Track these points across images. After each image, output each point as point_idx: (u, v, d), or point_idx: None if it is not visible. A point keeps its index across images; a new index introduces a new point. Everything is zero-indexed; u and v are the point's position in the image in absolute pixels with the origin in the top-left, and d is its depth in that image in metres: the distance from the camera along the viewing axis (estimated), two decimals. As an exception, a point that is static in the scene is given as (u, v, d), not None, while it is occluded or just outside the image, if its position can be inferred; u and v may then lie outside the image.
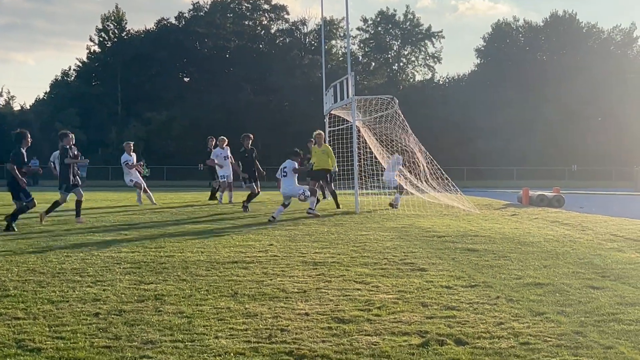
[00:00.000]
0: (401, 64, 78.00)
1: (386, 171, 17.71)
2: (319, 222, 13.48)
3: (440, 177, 17.92)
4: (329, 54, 66.91)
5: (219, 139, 19.76)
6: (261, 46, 73.31)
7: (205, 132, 36.89)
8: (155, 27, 72.99)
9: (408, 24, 76.55)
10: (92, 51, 71.82)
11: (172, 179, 51.22)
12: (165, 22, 72.91)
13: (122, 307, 5.67)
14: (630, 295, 6.26)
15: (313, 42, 73.09)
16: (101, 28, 71.02)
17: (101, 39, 71.27)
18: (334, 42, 73.25)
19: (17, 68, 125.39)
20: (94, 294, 6.21)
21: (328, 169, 16.60)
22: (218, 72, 67.55)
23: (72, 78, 72.94)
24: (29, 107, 73.91)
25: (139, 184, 18.76)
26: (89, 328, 5.00)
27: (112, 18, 71.23)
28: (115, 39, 71.22)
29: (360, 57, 75.55)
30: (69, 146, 13.36)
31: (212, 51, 70.73)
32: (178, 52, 68.92)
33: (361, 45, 76.42)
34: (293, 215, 14.44)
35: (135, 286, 6.58)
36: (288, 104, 66.39)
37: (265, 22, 74.83)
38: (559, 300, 5.99)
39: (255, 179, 16.85)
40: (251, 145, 17.08)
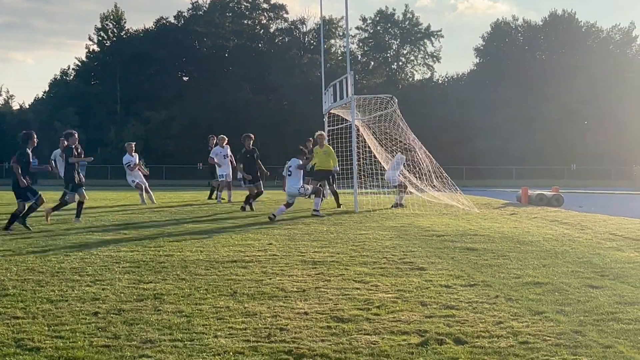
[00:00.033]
0: (400, 63, 77.95)
1: (388, 170, 17.69)
2: (318, 221, 13.48)
3: (440, 175, 17.92)
4: (328, 53, 66.90)
5: (218, 137, 19.72)
6: (260, 45, 73.25)
7: (204, 131, 36.90)
8: (154, 27, 72.89)
9: (407, 23, 76.49)
10: (91, 50, 71.75)
11: (171, 178, 51.17)
12: (164, 22, 72.83)
13: (121, 306, 5.67)
14: (629, 294, 6.26)
15: (312, 41, 73.04)
16: (100, 27, 70.92)
17: (100, 38, 71.18)
18: (333, 41, 73.20)
19: (16, 67, 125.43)
20: (93, 293, 6.22)
21: (330, 169, 16.61)
22: (217, 72, 67.48)
23: (71, 77, 72.80)
24: (28, 107, 73.78)
25: (141, 186, 18.68)
26: (88, 327, 5.00)
27: (111, 17, 71.14)
28: (115, 38, 71.12)
29: (360, 57, 75.50)
30: (74, 145, 13.38)
31: (211, 50, 70.65)
32: (177, 52, 68.85)
33: (360, 45, 76.40)
34: (292, 215, 14.44)
35: (134, 285, 6.58)
36: (287, 103, 66.31)
37: (265, 21, 74.76)
38: (558, 300, 6.00)
39: (257, 179, 16.73)
40: (252, 145, 17.00)
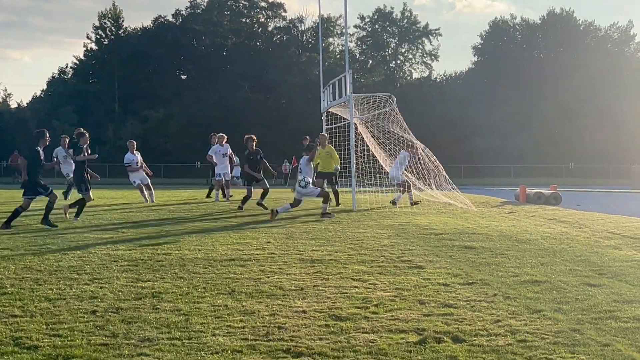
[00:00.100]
0: (398, 62, 78.00)
1: (392, 168, 17.66)
2: (316, 219, 13.48)
3: (439, 174, 17.91)
4: (326, 52, 66.89)
5: (217, 135, 19.69)
6: (258, 44, 73.20)
7: (203, 129, 36.89)
8: (152, 25, 72.88)
9: (405, 21, 76.52)
10: (89, 49, 71.77)
11: (170, 176, 51.10)
12: (162, 20, 72.80)
13: (119, 304, 5.67)
14: (627, 292, 6.27)
15: (310, 40, 73.06)
16: (98, 25, 70.90)
17: (98, 37, 71.19)
18: (331, 39, 73.27)
19: (14, 66, 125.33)
20: (91, 291, 6.21)
21: (332, 171, 16.69)
22: (215, 70, 67.44)
23: (69, 76, 72.77)
24: (26, 105, 73.70)
25: (141, 186, 18.61)
26: (86, 326, 5.00)
27: (109, 15, 71.11)
28: (113, 37, 71.08)
29: (358, 55, 75.51)
30: (85, 145, 13.55)
31: (209, 49, 70.59)
32: (175, 50, 68.81)
33: (358, 43, 76.42)
34: (291, 214, 14.43)
35: (132, 284, 6.58)
36: (285, 102, 66.30)
37: (263, 19, 74.75)
38: (556, 298, 6.00)
39: (260, 178, 16.75)
40: (256, 147, 16.88)
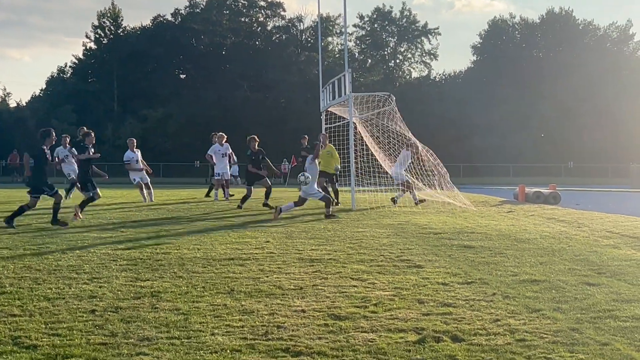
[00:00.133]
0: (397, 61, 77.96)
1: (394, 168, 17.66)
2: (315, 219, 13.48)
3: (439, 172, 17.91)
4: (325, 51, 66.84)
5: (217, 135, 19.69)
6: (257, 43, 73.14)
7: (202, 129, 36.83)
8: (151, 24, 72.76)
9: (404, 20, 76.50)
10: (88, 48, 71.64)
11: (169, 175, 51.04)
12: (161, 19, 72.71)
13: (118, 304, 5.67)
14: (626, 291, 6.27)
15: (309, 39, 73.01)
16: (97, 25, 70.77)
17: (97, 36, 71.05)
18: (330, 39, 73.21)
19: (13, 65, 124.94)
20: (90, 291, 6.21)
21: (332, 172, 16.74)
22: (214, 69, 67.39)
23: (68, 75, 72.66)
24: (24, 104, 73.53)
25: (140, 184, 18.61)
26: (85, 325, 5.00)
27: (108, 15, 70.99)
28: (112, 36, 70.98)
29: (357, 54, 75.48)
30: (91, 144, 13.64)
31: (208, 48, 70.53)
32: (174, 49, 68.73)
33: (357, 42, 76.39)
34: (290, 213, 14.43)
35: (131, 283, 6.57)
36: (284, 101, 66.25)
37: (262, 18, 74.66)
38: (555, 297, 6.01)
39: (260, 177, 16.86)
40: (258, 147, 16.99)
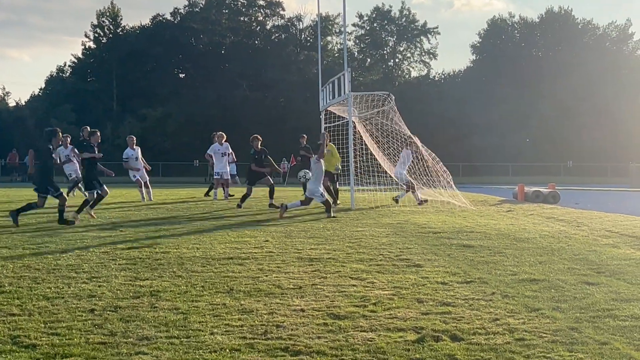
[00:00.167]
0: (397, 60, 77.97)
1: (396, 168, 17.64)
2: (314, 218, 13.48)
3: (439, 171, 17.91)
4: (324, 50, 66.80)
5: (217, 134, 19.69)
6: (257, 42, 73.12)
7: (201, 128, 36.81)
8: (150, 23, 72.72)
9: (404, 20, 76.50)
10: (87, 47, 71.61)
11: (168, 175, 51.05)
12: (160, 18, 72.66)
13: (117, 303, 5.67)
14: (625, 291, 6.27)
15: (309, 38, 73.00)
16: (96, 24, 70.74)
17: (96, 35, 71.00)
18: (329, 38, 73.19)
19: (12, 64, 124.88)
20: (90, 290, 6.21)
21: (333, 171, 16.76)
22: (213, 68, 67.38)
23: (68, 74, 72.61)
24: (24, 103, 73.53)
25: (140, 182, 18.62)
26: (84, 324, 5.00)
27: (108, 14, 70.95)
28: (111, 35, 70.94)
29: (356, 54, 75.48)
30: (97, 143, 13.69)
31: (207, 47, 70.51)
32: (173, 48, 68.72)
33: (357, 42, 76.39)
34: (290, 213, 14.43)
35: (130, 282, 6.57)
36: (284, 100, 66.23)
37: (261, 18, 74.64)
38: (554, 297, 6.01)
39: (262, 175, 16.92)
40: (261, 146, 17.11)
